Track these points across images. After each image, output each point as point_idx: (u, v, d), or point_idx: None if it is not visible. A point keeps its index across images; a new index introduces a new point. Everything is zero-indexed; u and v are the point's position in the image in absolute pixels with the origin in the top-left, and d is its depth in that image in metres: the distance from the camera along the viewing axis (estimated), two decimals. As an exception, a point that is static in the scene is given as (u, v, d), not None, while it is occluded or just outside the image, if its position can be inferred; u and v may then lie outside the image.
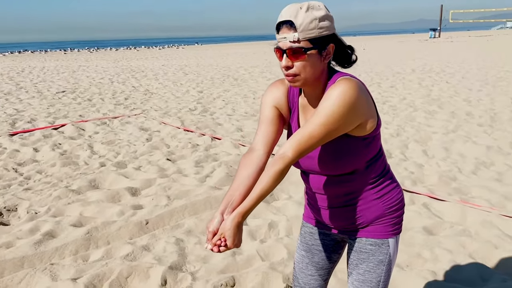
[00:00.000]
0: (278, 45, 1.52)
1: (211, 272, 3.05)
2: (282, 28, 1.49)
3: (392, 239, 1.71)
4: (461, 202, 3.97)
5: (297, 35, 1.45)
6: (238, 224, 1.46)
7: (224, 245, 1.46)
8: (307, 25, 1.44)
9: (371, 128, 1.58)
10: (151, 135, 7.02)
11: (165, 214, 3.99)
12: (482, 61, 18.16)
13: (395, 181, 1.75)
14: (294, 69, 1.50)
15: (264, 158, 1.64)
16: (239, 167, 1.63)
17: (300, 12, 1.45)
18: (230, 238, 1.45)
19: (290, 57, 1.49)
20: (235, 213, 1.47)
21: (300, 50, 1.47)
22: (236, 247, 1.48)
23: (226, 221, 1.47)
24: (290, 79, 1.54)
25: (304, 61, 1.48)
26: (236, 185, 1.57)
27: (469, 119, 7.50)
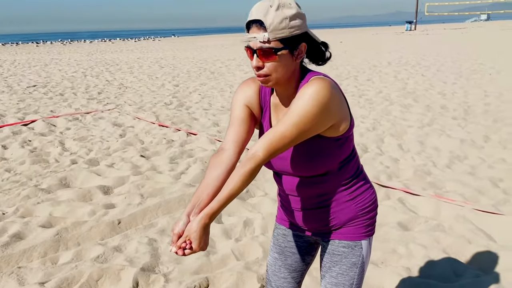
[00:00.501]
0: (249, 44, 1.45)
1: (185, 273, 2.98)
2: (252, 27, 1.43)
3: (365, 241, 1.68)
4: (435, 197, 3.99)
5: (267, 35, 1.39)
6: (204, 226, 1.40)
7: (190, 248, 1.40)
8: (277, 24, 1.38)
9: (344, 128, 1.53)
10: (124, 131, 6.88)
11: (138, 213, 3.90)
12: (457, 54, 18.42)
13: (368, 182, 1.72)
14: (265, 69, 1.45)
15: (234, 158, 1.59)
16: (208, 167, 1.57)
17: (270, 10, 1.39)
18: (196, 241, 1.39)
19: (260, 57, 1.43)
20: (201, 215, 1.41)
21: (270, 51, 1.41)
22: (201, 250, 1.42)
23: (192, 223, 1.41)
24: (262, 80, 1.48)
25: (275, 61, 1.43)
26: (204, 186, 1.51)
27: (443, 112, 7.58)
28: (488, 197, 4.02)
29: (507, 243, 3.22)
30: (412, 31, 52.27)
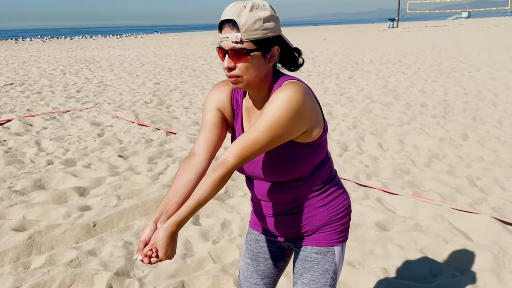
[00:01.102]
0: (220, 45, 1.42)
1: (160, 277, 2.93)
2: (225, 27, 1.39)
3: (337, 247, 1.65)
4: (413, 196, 4.00)
5: (239, 35, 1.36)
6: (171, 234, 1.36)
7: (156, 256, 1.36)
8: (250, 25, 1.35)
9: (317, 134, 1.50)
10: (103, 130, 6.76)
11: (114, 215, 3.83)
12: (438, 52, 18.61)
13: (342, 188, 1.69)
14: (237, 70, 1.42)
15: (205, 163, 1.55)
16: (178, 172, 1.53)
17: (244, 11, 1.36)
18: (162, 249, 1.35)
19: (232, 58, 1.40)
20: (169, 222, 1.36)
21: (242, 51, 1.38)
22: (168, 258, 1.38)
23: (159, 230, 1.36)
24: (233, 81, 1.45)
25: (247, 62, 1.40)
26: (172, 192, 1.47)
27: (423, 110, 7.63)
28: (465, 196, 4.05)
29: (483, 243, 3.24)
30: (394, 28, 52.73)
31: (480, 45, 21.62)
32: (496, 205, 3.83)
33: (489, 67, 12.82)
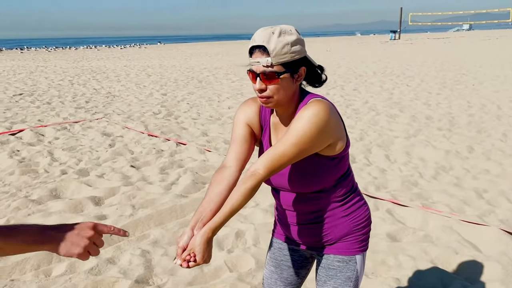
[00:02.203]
0: (252, 68, 1.53)
1: (179, 284, 3.02)
2: (255, 52, 1.51)
3: (359, 256, 1.75)
4: (422, 208, 4.09)
5: (270, 59, 1.47)
6: (207, 239, 1.47)
7: (194, 260, 1.46)
8: (279, 50, 1.47)
9: (340, 148, 1.61)
10: (114, 141, 6.88)
11: (130, 224, 3.92)
12: (440, 64, 18.76)
13: (362, 199, 1.79)
14: (268, 91, 1.53)
15: (236, 175, 1.66)
16: (211, 183, 1.65)
17: (273, 37, 1.47)
18: (200, 254, 1.45)
19: (263, 80, 1.51)
20: (205, 229, 1.48)
21: (273, 75, 1.49)
22: (205, 262, 1.49)
23: (196, 236, 1.48)
24: (264, 101, 1.56)
25: (277, 84, 1.51)
26: (207, 201, 1.58)
27: (429, 123, 7.73)
28: (473, 208, 4.14)
29: (492, 254, 3.32)
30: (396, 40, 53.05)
31: (482, 57, 21.78)
32: (504, 217, 3.92)
33: (492, 80, 12.94)
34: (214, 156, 5.95)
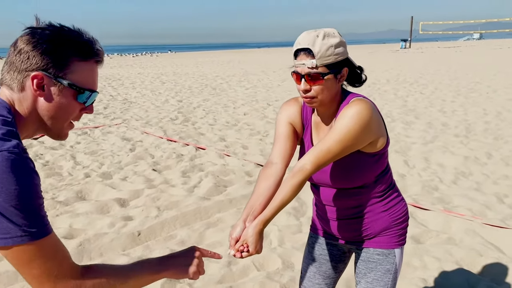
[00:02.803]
0: (296, 70, 1.62)
1: (209, 282, 3.09)
2: (300, 55, 1.59)
3: (398, 250, 1.81)
4: (445, 211, 4.13)
5: (315, 61, 1.55)
6: (259, 231, 1.56)
7: (247, 251, 1.55)
8: (324, 52, 1.55)
9: (381, 145, 1.68)
10: (134, 145, 7.00)
11: (156, 225, 4.01)
12: (454, 72, 18.75)
13: (400, 195, 1.86)
14: (312, 92, 1.61)
15: (282, 171, 1.74)
16: (259, 179, 1.73)
17: (318, 40, 1.55)
18: (252, 245, 1.54)
19: (308, 81, 1.59)
20: (256, 221, 1.56)
21: (318, 76, 1.57)
22: (257, 253, 1.57)
23: (248, 228, 1.56)
24: (308, 101, 1.64)
25: (322, 85, 1.59)
26: (256, 196, 1.67)
27: (445, 129, 7.76)
28: (495, 212, 4.17)
29: (517, 256, 3.35)
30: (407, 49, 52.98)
31: (495, 66, 21.71)
32: (526, 221, 3.95)
33: (506, 88, 12.92)
34: (234, 161, 6.03)
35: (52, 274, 1.07)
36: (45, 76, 1.14)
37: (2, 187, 0.99)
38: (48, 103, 1.18)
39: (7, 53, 1.18)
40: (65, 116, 1.22)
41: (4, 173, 0.99)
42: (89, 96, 1.23)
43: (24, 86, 1.15)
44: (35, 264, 1.04)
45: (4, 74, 1.18)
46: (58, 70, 1.15)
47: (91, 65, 1.21)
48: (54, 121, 1.21)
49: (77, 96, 1.20)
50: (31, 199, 1.03)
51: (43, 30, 1.16)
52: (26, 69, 1.14)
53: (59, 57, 1.15)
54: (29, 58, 1.13)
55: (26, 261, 1.04)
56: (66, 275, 1.09)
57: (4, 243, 1.01)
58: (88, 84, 1.22)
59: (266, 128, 8.21)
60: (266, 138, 7.47)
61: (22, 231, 1.01)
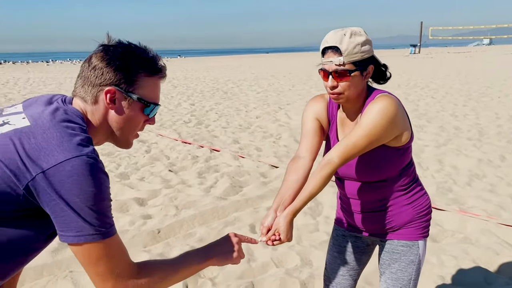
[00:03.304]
0: (324, 67, 1.69)
1: (229, 278, 3.16)
2: (328, 53, 1.67)
3: (421, 241, 1.87)
4: (460, 211, 4.17)
5: (342, 59, 1.63)
6: (290, 221, 1.63)
7: (278, 239, 1.62)
8: (351, 50, 1.63)
9: (406, 140, 1.75)
10: (149, 147, 7.10)
11: (175, 223, 4.09)
12: (464, 77, 18.72)
13: (423, 189, 1.92)
14: (339, 88, 1.68)
15: (309, 164, 1.81)
16: (287, 172, 1.80)
17: (345, 38, 1.63)
18: (284, 233, 1.62)
19: (335, 78, 1.67)
20: (287, 211, 1.64)
21: (345, 72, 1.65)
22: (288, 241, 1.64)
23: (279, 218, 1.64)
24: (335, 97, 1.72)
25: (348, 81, 1.66)
26: (286, 187, 1.74)
27: (458, 133, 7.79)
28: (509, 213, 4.20)
29: (533, 255, 3.39)
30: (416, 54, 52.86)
31: (505, 71, 21.63)
32: (542, 221, 3.98)
33: (519, 93, 12.89)
34: (248, 162, 6.11)
35: (114, 272, 1.16)
36: (117, 91, 1.25)
37: (81, 188, 1.08)
38: (119, 116, 1.28)
39: (81, 68, 1.29)
40: (132, 128, 1.33)
41: (83, 176, 1.08)
42: (153, 109, 1.33)
43: (98, 99, 1.26)
44: (101, 262, 1.14)
45: (78, 87, 1.28)
46: (128, 86, 1.26)
47: (156, 80, 1.32)
48: (122, 132, 1.32)
49: (144, 109, 1.30)
50: (104, 200, 1.13)
51: (115, 47, 1.27)
52: (100, 84, 1.24)
53: (130, 73, 1.25)
54: (103, 74, 1.24)
55: (93, 259, 1.13)
56: (126, 272, 1.19)
57: (77, 240, 1.11)
58: (153, 98, 1.32)
59: (278, 131, 8.29)
60: (279, 140, 7.55)
61: (94, 230, 1.11)
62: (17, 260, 1.20)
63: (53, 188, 1.07)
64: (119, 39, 1.32)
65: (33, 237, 1.17)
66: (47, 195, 1.08)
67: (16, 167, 1.08)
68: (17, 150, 1.09)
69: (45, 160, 1.08)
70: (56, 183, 1.07)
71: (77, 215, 1.08)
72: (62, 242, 1.13)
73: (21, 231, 1.14)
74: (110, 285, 1.16)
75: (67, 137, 1.12)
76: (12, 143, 1.10)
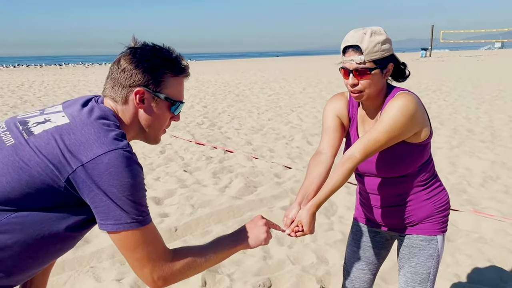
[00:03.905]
0: (345, 66, 1.75)
1: (247, 274, 3.22)
2: (349, 51, 1.72)
3: (440, 236, 1.91)
4: (474, 212, 4.19)
5: (363, 57, 1.68)
6: (313, 213, 1.69)
7: (301, 230, 1.68)
8: (371, 48, 1.68)
9: (425, 136, 1.80)
10: (164, 148, 7.19)
11: (192, 222, 4.16)
12: (476, 80, 18.63)
13: (442, 185, 1.97)
14: (360, 86, 1.74)
15: (331, 160, 1.87)
16: (310, 167, 1.86)
17: (365, 37, 1.69)
18: (307, 225, 1.67)
19: (356, 76, 1.72)
20: (310, 204, 1.70)
21: (365, 70, 1.70)
22: (310, 233, 1.70)
23: (302, 210, 1.70)
24: (356, 95, 1.77)
25: (369, 79, 1.72)
26: (308, 182, 1.80)
27: (470, 135, 7.78)
28: (524, 214, 4.21)
29: (549, 255, 3.40)
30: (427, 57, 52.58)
31: (519, 74, 21.48)
32: (557, 222, 3.98)
33: (532, 96, 12.82)
34: (262, 163, 6.17)
35: (151, 258, 1.23)
36: (146, 91, 1.33)
37: (118, 179, 1.16)
38: (147, 114, 1.36)
39: (110, 70, 1.37)
40: (161, 125, 1.41)
41: (120, 168, 1.16)
42: (178, 106, 1.42)
43: (127, 100, 1.34)
44: (139, 249, 1.21)
45: (107, 88, 1.36)
46: (156, 86, 1.34)
47: (180, 80, 1.41)
48: (151, 129, 1.40)
49: (170, 107, 1.39)
50: (139, 190, 1.20)
51: (142, 49, 1.35)
52: (129, 85, 1.32)
53: (157, 74, 1.33)
54: (132, 75, 1.31)
55: (131, 245, 1.20)
56: (162, 258, 1.25)
57: (116, 228, 1.18)
58: (178, 97, 1.41)
59: (291, 133, 8.34)
60: (291, 142, 7.60)
61: (131, 218, 1.18)
62: (55, 248, 1.27)
63: (92, 180, 1.14)
64: (145, 41, 1.39)
65: (71, 226, 1.24)
66: (86, 186, 1.15)
67: (57, 161, 1.15)
68: (59, 146, 1.17)
69: (84, 154, 1.15)
70: (95, 175, 1.14)
71: (115, 205, 1.16)
72: (102, 230, 1.20)
73: (60, 219, 1.21)
74: (147, 270, 1.23)
75: (103, 132, 1.20)
76: (53, 139, 1.18)
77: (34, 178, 1.15)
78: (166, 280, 1.26)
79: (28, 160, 1.16)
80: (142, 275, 1.24)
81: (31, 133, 1.22)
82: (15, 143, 1.20)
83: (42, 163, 1.15)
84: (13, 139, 1.21)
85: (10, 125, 1.28)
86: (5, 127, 1.28)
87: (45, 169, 1.15)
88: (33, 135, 1.21)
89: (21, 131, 1.23)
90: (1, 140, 1.22)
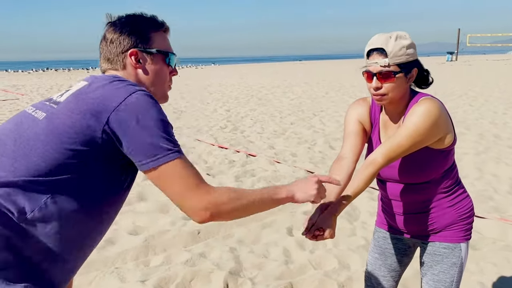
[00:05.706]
0: (368, 69, 1.75)
1: (268, 278, 3.23)
2: (373, 54, 1.73)
3: (464, 244, 1.89)
4: (501, 219, 4.12)
5: (387, 60, 1.69)
6: (334, 218, 1.70)
7: (322, 234, 1.68)
8: (396, 52, 1.68)
9: (449, 142, 1.79)
10: (187, 151, 7.27)
11: (214, 225, 4.19)
12: (504, 85, 18.24)
13: (466, 192, 1.95)
14: (383, 89, 1.74)
15: (353, 165, 1.88)
16: (331, 171, 1.87)
17: (390, 41, 1.69)
18: (327, 229, 1.68)
19: (379, 79, 1.73)
20: (331, 208, 1.71)
21: (390, 74, 1.70)
22: (331, 237, 1.70)
23: (324, 215, 1.71)
24: (378, 98, 1.77)
25: (393, 83, 1.72)
26: (330, 186, 1.80)
27: (497, 141, 7.63)
28: (553, 222, 4.11)
29: None
30: (453, 61, 51.70)
31: (549, 78, 20.94)
32: None
33: (562, 101, 12.48)
34: (284, 167, 6.19)
35: (191, 189, 1.26)
36: (138, 51, 1.43)
37: (149, 114, 1.23)
38: (147, 72, 1.46)
39: (100, 49, 1.48)
40: (163, 80, 1.50)
41: (149, 104, 1.25)
42: (172, 58, 1.51)
43: (126, 65, 1.44)
44: (176, 181, 1.25)
45: (103, 64, 1.48)
46: (145, 44, 1.45)
47: (163, 34, 1.52)
48: (156, 87, 1.49)
49: (165, 59, 1.48)
50: (168, 124, 1.28)
51: (119, 19, 1.47)
52: (122, 51, 1.43)
53: (141, 33, 1.45)
54: (121, 42, 1.43)
55: (170, 179, 1.25)
56: (201, 190, 1.27)
57: (155, 164, 1.23)
58: (169, 49, 1.51)
59: (313, 137, 8.32)
60: (314, 146, 7.59)
61: (167, 150, 1.24)
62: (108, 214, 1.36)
63: (125, 120, 1.22)
64: (117, 14, 1.51)
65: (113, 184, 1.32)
66: (121, 129, 1.22)
67: (91, 115, 1.23)
68: (87, 102, 1.25)
69: (113, 100, 1.24)
70: (127, 115, 1.22)
71: (151, 139, 1.22)
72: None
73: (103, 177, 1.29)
74: (188, 202, 1.26)
75: (122, 83, 1.30)
76: (81, 99, 1.27)
77: (74, 139, 1.22)
78: (212, 211, 1.26)
79: (63, 124, 1.23)
80: (188, 209, 1.26)
81: (58, 102, 1.32)
82: (47, 115, 1.29)
83: (77, 122, 1.22)
84: (45, 113, 1.30)
85: (37, 105, 1.39)
86: (33, 107, 1.38)
87: (81, 127, 1.22)
88: (61, 102, 1.31)
89: (49, 104, 1.33)
90: (34, 118, 1.31)
